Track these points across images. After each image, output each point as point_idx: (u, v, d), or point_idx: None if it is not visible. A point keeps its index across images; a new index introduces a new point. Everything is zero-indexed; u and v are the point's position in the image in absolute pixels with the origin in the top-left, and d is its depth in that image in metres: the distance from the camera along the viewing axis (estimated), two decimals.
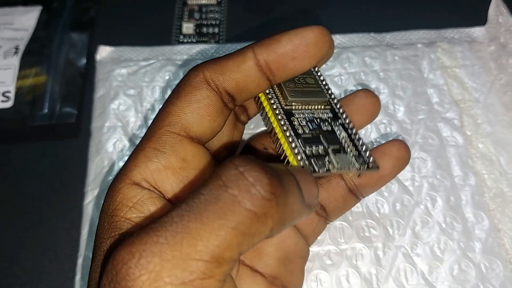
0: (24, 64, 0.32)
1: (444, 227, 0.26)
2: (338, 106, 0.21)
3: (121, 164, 0.28)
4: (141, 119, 0.29)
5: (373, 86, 0.30)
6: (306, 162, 0.18)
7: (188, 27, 0.35)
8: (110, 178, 0.27)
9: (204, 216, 0.13)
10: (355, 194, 0.21)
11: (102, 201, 0.28)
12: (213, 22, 0.35)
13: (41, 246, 0.27)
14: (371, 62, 0.31)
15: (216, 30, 0.34)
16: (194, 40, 0.34)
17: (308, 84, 0.21)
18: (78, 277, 0.25)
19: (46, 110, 0.31)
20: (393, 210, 0.26)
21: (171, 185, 0.17)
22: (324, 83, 0.21)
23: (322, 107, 0.21)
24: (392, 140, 0.21)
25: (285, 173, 0.15)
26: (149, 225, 0.14)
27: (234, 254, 0.13)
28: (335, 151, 0.19)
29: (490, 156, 0.28)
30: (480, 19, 0.33)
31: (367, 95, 0.22)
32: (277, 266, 0.19)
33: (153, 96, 0.30)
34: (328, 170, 0.18)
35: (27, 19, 0.35)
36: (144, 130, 0.29)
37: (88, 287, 0.16)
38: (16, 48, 0.33)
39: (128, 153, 0.28)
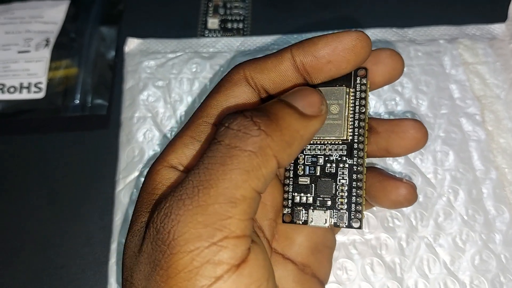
0: (55, 56, 0.33)
1: (466, 219, 0.26)
2: (358, 140, 0.19)
3: (151, 153, 0.29)
4: (170, 110, 0.30)
5: (397, 80, 0.31)
6: (289, 210, 0.20)
7: (213, 23, 0.35)
8: (141, 166, 0.28)
9: (210, 168, 0.15)
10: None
11: (133, 189, 0.28)
12: (238, 18, 0.36)
13: (75, 232, 0.28)
14: None
15: (241, 25, 0.35)
16: (219, 35, 0.35)
17: (330, 114, 0.20)
18: (111, 261, 0.26)
19: (77, 101, 0.32)
20: (417, 201, 0.27)
21: None
22: (356, 110, 0.20)
23: (340, 141, 0.20)
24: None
25: (271, 104, 0.17)
26: (174, 189, 0.16)
27: (245, 192, 0.15)
28: (322, 203, 0.19)
29: (511, 151, 0.29)
30: (500, 15, 0.34)
31: (415, 127, 0.21)
32: (307, 255, 0.20)
33: (181, 88, 0.31)
34: (305, 222, 0.20)
35: (56, 12, 0.36)
36: (173, 121, 0.30)
37: (124, 254, 0.17)
38: (47, 41, 0.34)
39: (158, 142, 0.29)
